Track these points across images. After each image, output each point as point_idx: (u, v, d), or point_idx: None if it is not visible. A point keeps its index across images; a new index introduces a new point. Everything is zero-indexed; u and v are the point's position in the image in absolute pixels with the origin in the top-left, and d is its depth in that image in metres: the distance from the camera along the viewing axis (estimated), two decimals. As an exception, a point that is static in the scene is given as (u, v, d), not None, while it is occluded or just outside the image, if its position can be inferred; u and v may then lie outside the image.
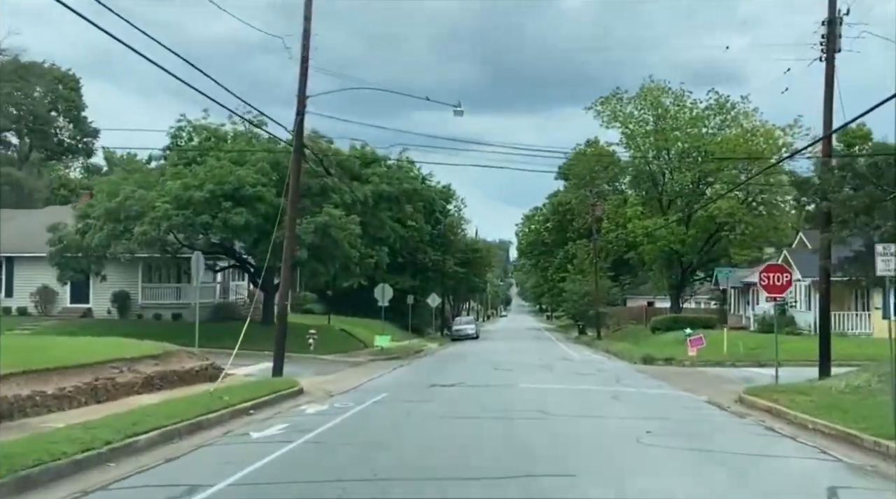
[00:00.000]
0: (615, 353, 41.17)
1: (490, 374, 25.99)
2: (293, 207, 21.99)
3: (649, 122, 60.80)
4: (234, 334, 34.35)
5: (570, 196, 75.55)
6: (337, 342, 37.70)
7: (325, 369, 27.47)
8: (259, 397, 16.93)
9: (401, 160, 38.66)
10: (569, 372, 27.65)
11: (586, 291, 60.37)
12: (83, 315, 37.60)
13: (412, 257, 58.96)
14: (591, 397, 19.41)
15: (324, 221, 31.42)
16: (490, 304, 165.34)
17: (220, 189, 30.62)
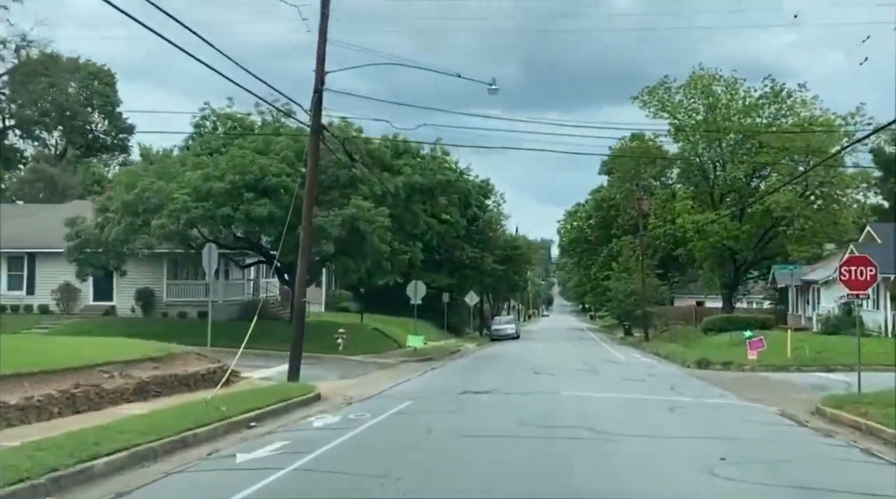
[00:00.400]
0: (665, 356, 38.52)
1: (529, 379, 23.70)
2: (310, 194, 19.99)
3: (699, 112, 57.89)
4: (259, 335, 32.68)
5: (615, 191, 72.71)
6: (368, 342, 35.72)
7: (350, 372, 25.45)
8: (265, 406, 14.91)
9: (434, 150, 36.50)
10: (616, 377, 25.22)
11: (632, 289, 57.57)
12: (105, 313, 36.17)
13: (449, 254, 56.82)
14: (643, 408, 17.02)
15: (351, 213, 29.40)
16: (531, 303, 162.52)
17: (241, 179, 28.80)
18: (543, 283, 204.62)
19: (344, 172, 30.61)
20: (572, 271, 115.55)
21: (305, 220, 19.95)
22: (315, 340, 32.39)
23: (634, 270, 62.48)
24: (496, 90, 21.59)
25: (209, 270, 21.84)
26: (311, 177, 19.92)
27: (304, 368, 25.66)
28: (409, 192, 34.19)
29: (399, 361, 31.54)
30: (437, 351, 37.76)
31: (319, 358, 30.19)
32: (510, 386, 20.88)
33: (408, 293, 37.30)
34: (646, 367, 31.32)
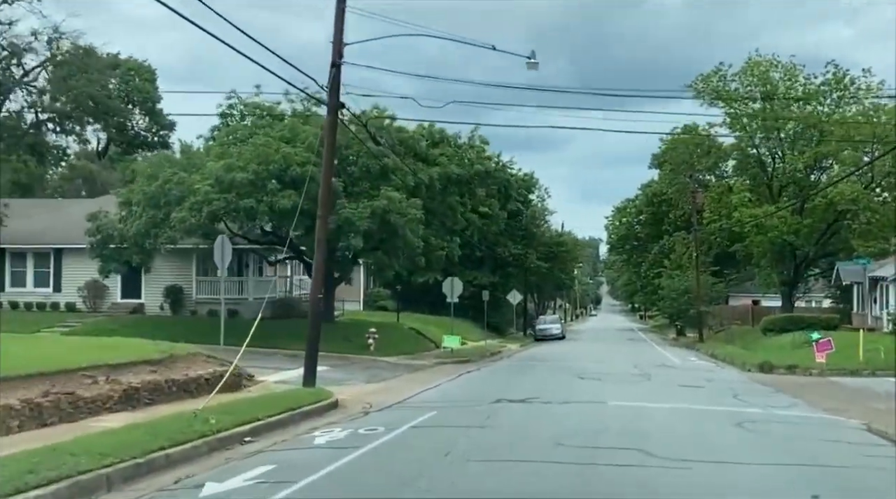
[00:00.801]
0: (723, 358, 35.87)
1: (573, 385, 21.48)
2: (326, 179, 18.07)
3: (756, 100, 54.84)
4: (289, 334, 30.94)
5: (666, 185, 69.75)
6: (403, 343, 33.80)
7: (378, 375, 23.52)
8: (267, 417, 13.00)
9: (472, 139, 34.37)
10: (671, 383, 22.84)
11: (686, 287, 54.65)
12: (133, 311, 34.88)
13: (491, 251, 54.66)
14: (705, 422, 14.70)
15: (382, 205, 27.48)
16: (579, 303, 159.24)
17: (265, 169, 27.08)
18: (591, 282, 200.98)
19: (375, 162, 28.72)
20: (621, 270, 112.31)
21: (321, 207, 18.04)
22: (346, 340, 30.68)
23: (688, 268, 59.54)
24: (536, 64, 19.40)
25: (222, 265, 20.12)
26: (328, 159, 17.99)
27: (329, 371, 23.89)
28: (445, 183, 32.11)
29: (433, 364, 29.55)
30: (475, 352, 35.69)
31: (349, 360, 28.42)
32: (551, 393, 18.70)
33: (444, 291, 35.23)
34: (703, 371, 28.81)
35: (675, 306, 55.92)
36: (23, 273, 35.99)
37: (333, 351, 29.21)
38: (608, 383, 22.14)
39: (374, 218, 27.52)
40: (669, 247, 72.11)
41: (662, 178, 72.73)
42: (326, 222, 17.91)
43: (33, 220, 37.19)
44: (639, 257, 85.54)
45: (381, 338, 32.51)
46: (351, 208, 27.20)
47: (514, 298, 52.97)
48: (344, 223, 26.97)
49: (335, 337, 30.81)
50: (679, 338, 59.05)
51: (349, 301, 54.24)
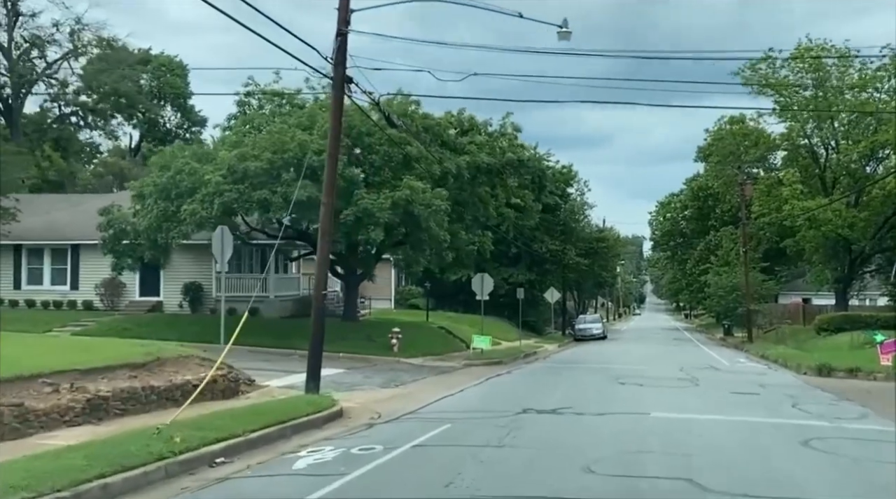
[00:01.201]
0: (775, 359, 33.32)
1: (611, 391, 19.35)
2: (332, 161, 16.24)
3: (807, 87, 51.85)
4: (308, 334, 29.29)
5: (712, 179, 66.87)
6: (430, 343, 31.89)
7: (397, 378, 21.62)
8: (249, 432, 11.20)
9: (504, 127, 32.28)
10: (721, 389, 20.57)
11: (734, 284, 51.87)
12: (151, 309, 33.52)
13: (527, 247, 52.49)
14: (765, 438, 12.52)
15: (404, 195, 25.58)
16: (622, 301, 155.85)
17: (279, 158, 25.38)
18: (635, 280, 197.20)
19: (397, 150, 26.85)
20: (665, 268, 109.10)
21: (326, 193, 16.19)
22: (368, 340, 28.92)
23: (736, 264, 56.74)
24: (568, 34, 17.31)
25: (221, 258, 18.35)
26: (334, 140, 16.14)
27: (344, 374, 22.10)
28: (475, 173, 30.09)
29: (461, 366, 27.59)
30: (508, 353, 33.64)
31: (369, 361, 26.63)
32: (585, 402, 16.63)
33: (473, 288, 33.24)
34: (755, 374, 26.40)
35: (723, 305, 53.13)
36: (39, 270, 34.85)
37: (355, 352, 27.51)
38: (651, 389, 19.97)
39: (395, 209, 25.66)
40: (716, 242, 69.20)
41: (708, 171, 69.81)
42: (331, 210, 16.06)
43: (52, 216, 36.08)
44: (684, 254, 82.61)
45: (406, 338, 30.65)
46: (370, 199, 25.35)
47: (552, 297, 50.72)
48: (363, 215, 25.16)
49: (357, 337, 29.10)
50: (726, 338, 56.22)
51: (379, 299, 52.57)
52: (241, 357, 24.94)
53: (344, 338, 28.75)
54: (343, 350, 27.50)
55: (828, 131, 52.26)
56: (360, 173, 25.99)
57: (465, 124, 32.37)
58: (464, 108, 32.50)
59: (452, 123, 32.18)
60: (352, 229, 25.61)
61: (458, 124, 32.30)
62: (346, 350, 27.52)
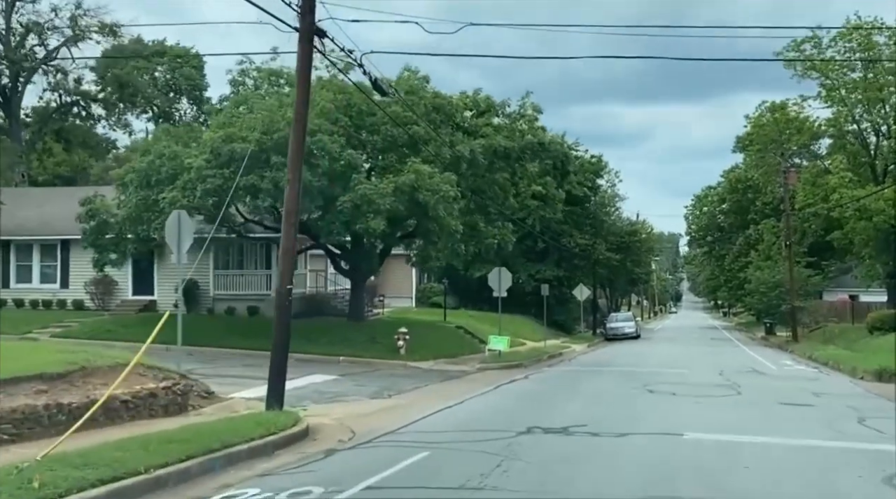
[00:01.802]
0: (825, 362, 30.12)
1: (638, 402, 16.48)
2: (298, 129, 13.55)
3: (856, 69, 48.23)
4: (310, 334, 26.73)
5: (752, 169, 63.30)
6: (444, 344, 29.16)
7: (394, 386, 18.94)
8: (158, 468, 8.58)
9: (523, 107, 29.41)
10: (768, 399, 17.58)
11: (777, 280, 48.37)
12: (144, 309, 31.24)
13: (555, 242, 49.51)
14: (834, 473, 9.59)
15: (409, 180, 22.88)
16: (657, 299, 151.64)
17: (268, 139, 22.85)
18: (671, 277, 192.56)
19: (401, 131, 24.17)
20: (703, 264, 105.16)
21: (291, 168, 13.50)
22: (373, 342, 26.29)
23: (778, 259, 53.21)
24: None
25: (177, 249, 15.83)
26: (301, 104, 13.43)
27: (334, 381, 19.50)
28: (491, 158, 27.33)
29: (474, 370, 24.85)
30: (530, 355, 30.82)
31: (371, 366, 24.02)
32: (605, 417, 13.82)
33: (490, 284, 30.47)
34: (805, 380, 23.28)
35: (765, 302, 49.59)
36: (28, 267, 32.80)
37: (357, 355, 24.95)
38: (685, 400, 17.07)
39: (399, 196, 22.98)
40: (756, 237, 65.57)
41: (748, 161, 66.21)
42: (298, 188, 13.38)
43: (44, 209, 34.06)
44: (722, 249, 78.94)
45: (418, 339, 28.01)
46: (371, 185, 22.69)
47: (581, 294, 47.80)
48: (362, 202, 22.51)
49: (361, 339, 26.52)
50: (768, 337, 52.66)
51: (400, 297, 49.99)
52: (224, 362, 22.60)
53: (346, 340, 26.23)
54: (344, 353, 24.98)
55: (878, 115, 48.65)
56: (360, 156, 23.38)
57: (481, 105, 29.62)
58: (479, 89, 29.83)
59: (467, 104, 29.48)
60: (350, 219, 22.99)
61: (473, 105, 29.58)
62: (348, 353, 24.98)
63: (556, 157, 28.55)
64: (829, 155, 53.78)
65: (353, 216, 22.89)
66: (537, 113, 29.09)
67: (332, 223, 23.26)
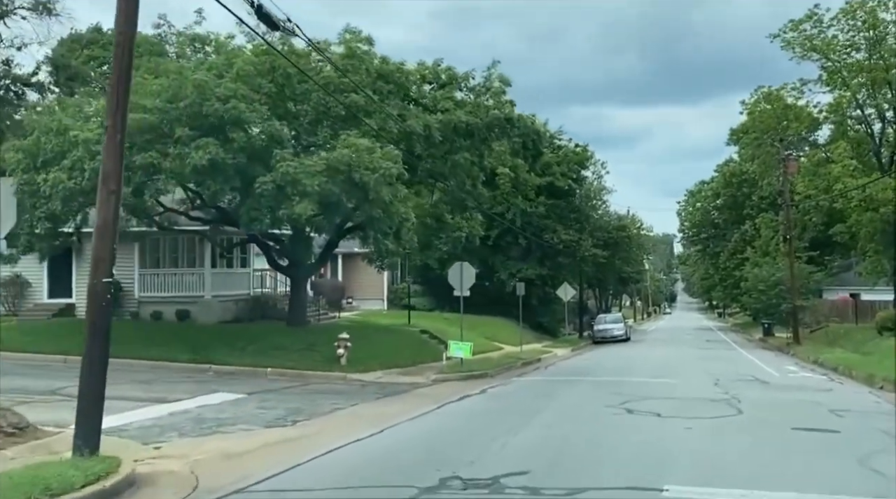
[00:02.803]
0: (834, 367, 26.53)
1: (611, 429, 12.71)
2: (117, 89, 9.63)
3: (860, 49, 44.74)
4: (237, 343, 22.98)
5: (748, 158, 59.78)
6: (400, 352, 25.35)
7: (313, 406, 15.14)
8: None
9: (489, 80, 25.63)
10: (777, 420, 13.85)
11: (777, 278, 44.69)
12: (59, 313, 27.43)
13: (537, 238, 45.79)
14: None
15: (343, 156, 19.09)
16: (651, 300, 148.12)
17: (174, 108, 19.05)
18: (665, 278, 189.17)
19: (336, 99, 20.39)
20: (696, 264, 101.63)
21: (110, 114, 9.68)
22: (310, 351, 22.46)
23: (777, 254, 49.61)
24: None
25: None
26: (120, 59, 9.58)
27: (233, 403, 15.58)
28: (451, 135, 23.58)
29: (429, 382, 21.08)
30: (502, 362, 27.07)
31: (303, 379, 20.26)
32: (560, 457, 10.08)
33: (450, 281, 26.74)
34: (818, 392, 19.55)
35: (763, 301, 45.88)
36: (-69, 268, 28.92)
37: (288, 366, 21.15)
38: (672, 423, 13.32)
39: (332, 176, 19.16)
40: (753, 232, 62.05)
41: (743, 153, 62.75)
42: (119, 141, 9.56)
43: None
44: (716, 247, 75.47)
45: (369, 346, 24.28)
46: (296, 162, 18.88)
47: (566, 294, 43.99)
48: (285, 183, 18.72)
49: (298, 347, 22.70)
50: (766, 338, 48.97)
51: (370, 299, 46.24)
52: (115, 377, 18.75)
53: (280, 348, 22.45)
54: (273, 364, 21.18)
55: (883, 99, 45.17)
56: (286, 129, 19.59)
57: (442, 77, 25.86)
58: (441, 59, 26.01)
59: (425, 76, 25.72)
60: (274, 203, 19.20)
61: (433, 77, 25.83)
62: (277, 364, 21.18)
63: (527, 135, 24.79)
64: (830, 143, 50.30)
65: (276, 200, 19.10)
66: (505, 85, 25.31)
67: (254, 209, 19.46)
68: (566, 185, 46.13)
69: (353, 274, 46.34)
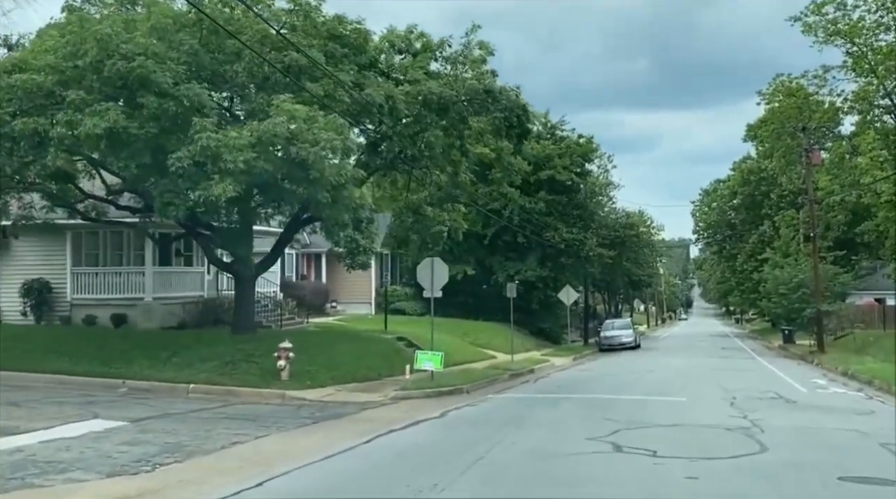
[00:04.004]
0: (868, 380, 22.84)
1: (588, 481, 9.16)
2: None
3: (890, 29, 41.01)
4: (160, 353, 19.55)
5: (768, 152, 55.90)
6: (362, 362, 21.75)
7: (206, 439, 11.63)
8: None
9: (468, 48, 22.09)
10: (815, 462, 10.24)
11: (800, 280, 40.83)
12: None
13: (537, 236, 42.18)
14: None
15: (278, 127, 15.61)
16: (665, 305, 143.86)
17: (68, 66, 15.68)
18: (681, 283, 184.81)
19: (271, 64, 16.94)
20: (713, 268, 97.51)
21: None
22: (248, 362, 18.96)
23: (798, 256, 45.76)
24: None
25: None
26: None
27: (106, 435, 11.98)
28: (421, 111, 20.09)
29: (387, 400, 17.56)
30: (484, 374, 23.50)
31: (232, 396, 16.86)
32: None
33: (419, 280, 23.27)
34: (856, 414, 15.84)
35: (785, 305, 41.98)
36: None
37: (216, 381, 17.70)
38: (671, 467, 9.75)
39: (264, 150, 15.69)
40: (772, 232, 58.23)
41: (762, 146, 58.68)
42: None
43: None
44: (733, 248, 71.51)
45: (326, 356, 20.86)
46: (218, 134, 15.43)
47: (568, 297, 40.38)
48: (203, 158, 15.29)
49: (233, 358, 19.17)
50: (787, 346, 45.08)
51: (357, 303, 42.76)
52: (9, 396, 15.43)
53: (212, 359, 18.96)
54: (199, 380, 17.73)
55: (915, 85, 41.38)
56: (205, 94, 16.14)
57: (416, 46, 22.38)
58: (415, 25, 22.54)
59: (395, 44, 22.25)
60: (192, 184, 15.76)
61: (405, 45, 22.35)
62: (205, 380, 17.72)
63: (510, 110, 21.23)
64: (856, 135, 46.47)
65: (194, 180, 15.66)
66: (487, 54, 21.79)
67: (169, 192, 16.04)
68: (569, 179, 42.51)
69: (339, 275, 42.88)
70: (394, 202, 26.96)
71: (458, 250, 44.90)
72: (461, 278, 43.90)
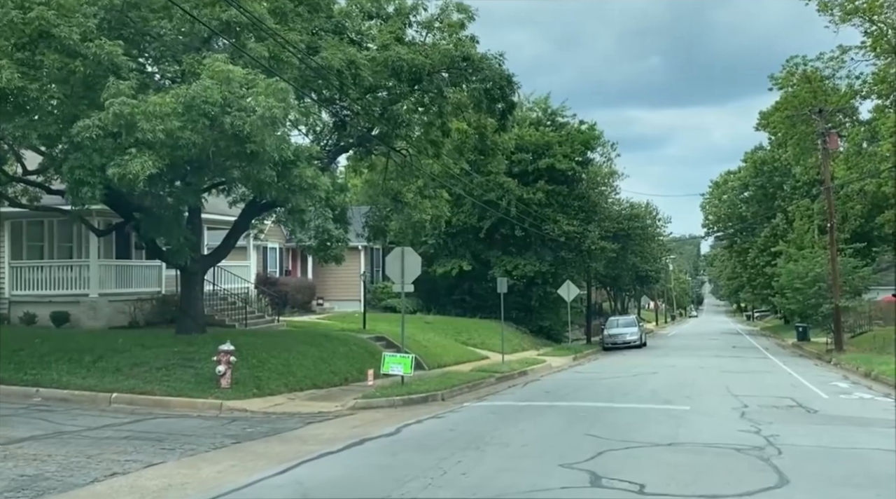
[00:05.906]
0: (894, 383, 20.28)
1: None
2: None
3: (913, 6, 38.48)
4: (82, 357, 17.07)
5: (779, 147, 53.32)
6: (325, 366, 19.34)
7: (81, 466, 9.25)
8: None
9: (446, 11, 19.61)
10: None
11: (817, 274, 38.21)
12: None
13: (537, 229, 39.69)
14: None
15: (207, 89, 13.21)
16: (675, 302, 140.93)
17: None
18: (692, 280, 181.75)
19: (210, 13, 14.54)
20: (723, 264, 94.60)
21: None
22: (186, 367, 16.58)
23: (814, 248, 43.14)
24: None
25: None
26: None
27: None
28: (388, 78, 17.67)
29: (343, 410, 15.17)
30: (468, 378, 21.02)
31: (161, 408, 14.51)
32: None
33: (388, 273, 20.86)
34: (889, 426, 13.31)
35: (801, 301, 39.34)
36: None
37: (145, 390, 15.35)
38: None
39: (192, 119, 13.29)
40: (786, 224, 55.58)
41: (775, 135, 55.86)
42: None
43: None
44: (744, 242, 68.84)
45: (282, 360, 18.40)
46: (134, 101, 13.04)
47: (568, 293, 37.83)
48: (116, 126, 12.91)
49: (169, 363, 16.73)
50: (801, 344, 42.45)
51: (346, 301, 40.40)
52: None
53: (143, 364, 16.53)
54: (124, 388, 15.36)
55: (938, 66, 38.87)
56: (120, 52, 13.72)
57: (388, 10, 19.92)
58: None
59: (363, 8, 19.81)
60: (106, 160, 13.37)
61: (376, 9, 19.91)
62: (131, 388, 15.35)
63: (492, 80, 18.75)
64: (875, 120, 43.78)
65: (108, 155, 13.28)
66: (467, 18, 19.33)
67: (80, 168, 13.65)
68: (569, 168, 39.99)
69: (327, 271, 40.62)
70: (371, 187, 24.56)
71: (453, 244, 42.58)
72: (457, 274, 41.59)
